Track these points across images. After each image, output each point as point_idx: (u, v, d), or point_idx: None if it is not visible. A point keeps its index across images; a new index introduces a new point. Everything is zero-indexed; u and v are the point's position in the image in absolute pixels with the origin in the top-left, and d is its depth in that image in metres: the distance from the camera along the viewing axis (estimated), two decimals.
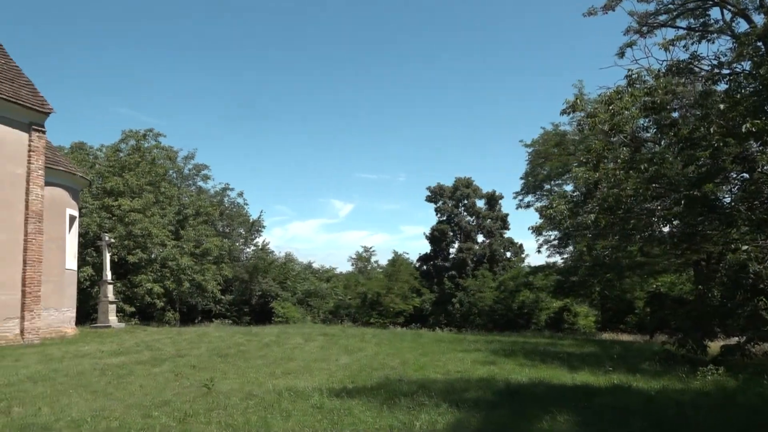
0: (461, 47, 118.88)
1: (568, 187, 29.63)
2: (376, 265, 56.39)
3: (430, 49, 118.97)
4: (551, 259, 35.96)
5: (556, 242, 32.50)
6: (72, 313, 19.83)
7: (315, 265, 54.01)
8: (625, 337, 28.60)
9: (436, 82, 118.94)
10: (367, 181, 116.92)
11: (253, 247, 47.90)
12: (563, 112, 15.57)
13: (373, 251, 58.05)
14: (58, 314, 18.47)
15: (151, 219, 32.24)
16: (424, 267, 55.37)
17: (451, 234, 55.02)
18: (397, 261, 50.80)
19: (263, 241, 47.61)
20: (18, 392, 8.46)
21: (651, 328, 25.93)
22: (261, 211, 53.68)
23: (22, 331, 15.65)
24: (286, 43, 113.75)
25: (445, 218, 55.68)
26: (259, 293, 43.13)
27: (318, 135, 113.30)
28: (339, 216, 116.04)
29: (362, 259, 57.17)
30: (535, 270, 39.63)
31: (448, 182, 56.09)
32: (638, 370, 12.03)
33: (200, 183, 44.54)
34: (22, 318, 15.72)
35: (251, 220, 47.06)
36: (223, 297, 39.84)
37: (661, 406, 7.96)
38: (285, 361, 12.38)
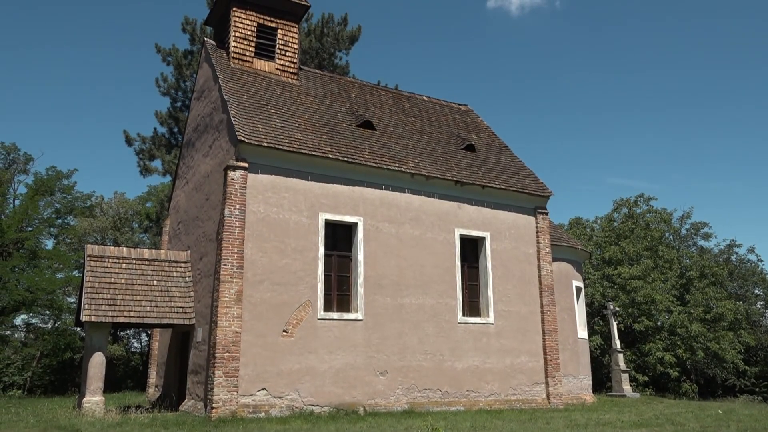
0: None
1: None
2: None
3: None
4: None
5: None
6: (588, 381, 20.76)
7: None
8: None
9: None
10: None
11: None
12: None
13: None
14: (576, 381, 19.64)
15: (652, 285, 31.62)
16: None
17: None
18: None
19: None
20: None
21: None
22: None
23: (547, 396, 17.27)
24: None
25: None
26: None
27: None
28: None
29: None
30: None
31: None
32: None
33: (701, 242, 41.55)
34: (547, 383, 17.40)
35: None
36: (747, 368, 35.06)
37: None
38: None
